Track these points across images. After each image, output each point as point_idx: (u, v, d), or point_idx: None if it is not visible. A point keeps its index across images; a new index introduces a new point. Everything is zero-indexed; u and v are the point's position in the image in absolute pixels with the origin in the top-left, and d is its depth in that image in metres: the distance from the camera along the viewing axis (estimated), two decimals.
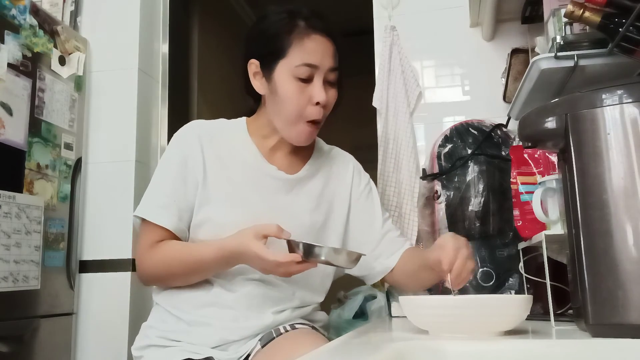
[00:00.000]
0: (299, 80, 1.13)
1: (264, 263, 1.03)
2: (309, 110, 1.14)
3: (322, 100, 1.13)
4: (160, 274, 1.15)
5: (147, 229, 1.16)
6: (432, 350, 0.72)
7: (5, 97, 1.68)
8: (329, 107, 1.17)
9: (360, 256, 1.04)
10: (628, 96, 0.76)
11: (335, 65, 1.16)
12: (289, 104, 1.14)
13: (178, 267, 1.13)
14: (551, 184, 1.06)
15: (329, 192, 1.27)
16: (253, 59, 1.19)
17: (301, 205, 1.22)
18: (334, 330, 1.62)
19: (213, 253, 1.09)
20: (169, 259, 1.13)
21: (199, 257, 1.11)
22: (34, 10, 1.84)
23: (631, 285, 0.72)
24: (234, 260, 1.09)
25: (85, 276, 2.04)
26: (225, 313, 1.14)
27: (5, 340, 1.64)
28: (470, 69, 1.89)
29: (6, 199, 1.65)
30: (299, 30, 1.14)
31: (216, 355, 1.11)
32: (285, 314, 1.18)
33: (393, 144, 1.81)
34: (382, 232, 1.28)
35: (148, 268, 1.15)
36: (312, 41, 1.14)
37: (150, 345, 1.16)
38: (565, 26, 1.11)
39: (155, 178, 1.20)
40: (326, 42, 1.15)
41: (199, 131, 1.20)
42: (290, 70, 1.13)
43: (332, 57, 1.16)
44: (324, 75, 1.15)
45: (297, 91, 1.13)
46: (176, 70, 2.51)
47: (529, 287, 1.23)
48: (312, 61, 1.13)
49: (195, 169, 1.17)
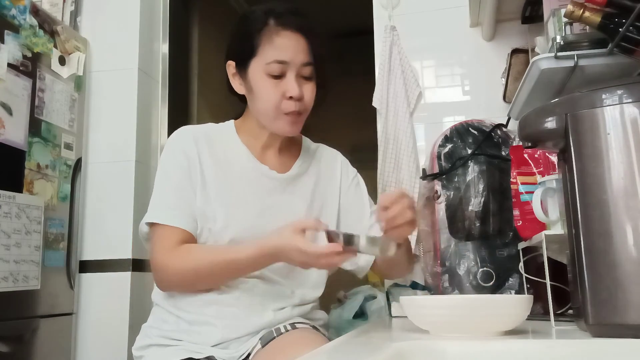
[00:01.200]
0: (271, 77, 1.15)
1: (306, 256, 1.02)
2: (284, 104, 1.16)
3: (295, 94, 1.14)
4: (187, 277, 1.12)
5: (162, 233, 1.13)
6: (432, 350, 0.72)
7: (5, 97, 1.68)
8: (307, 100, 1.18)
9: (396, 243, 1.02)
10: (628, 96, 0.76)
11: (309, 60, 1.17)
12: (264, 101, 1.16)
13: (208, 268, 1.11)
14: (551, 184, 1.06)
15: (320, 189, 1.29)
16: (230, 60, 1.22)
17: (297, 203, 1.24)
18: (334, 330, 1.62)
19: (251, 252, 1.08)
20: (198, 260, 1.11)
21: (233, 257, 1.10)
22: (34, 10, 1.84)
23: (631, 285, 0.72)
24: (272, 258, 1.08)
25: (85, 276, 2.05)
26: (226, 311, 1.14)
27: (5, 340, 1.64)
28: (470, 69, 1.89)
29: (6, 199, 1.65)
30: (269, 29, 1.16)
31: (217, 354, 1.11)
32: (286, 311, 1.18)
33: (393, 144, 1.81)
34: (368, 225, 1.29)
35: (173, 272, 1.12)
36: (282, 38, 1.15)
37: (151, 345, 1.16)
38: (565, 26, 1.11)
39: (158, 184, 1.19)
40: (297, 38, 1.16)
41: (193, 134, 1.22)
42: (262, 68, 1.15)
43: (305, 52, 1.16)
44: (297, 70, 1.16)
45: (270, 88, 1.15)
46: (176, 70, 2.51)
47: (529, 287, 1.23)
48: (282, 57, 1.14)
49: (195, 171, 1.17)
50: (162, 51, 2.34)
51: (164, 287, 1.17)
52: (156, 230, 1.14)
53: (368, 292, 1.79)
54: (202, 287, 1.15)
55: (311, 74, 1.18)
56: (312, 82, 1.19)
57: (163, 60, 2.34)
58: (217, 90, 3.19)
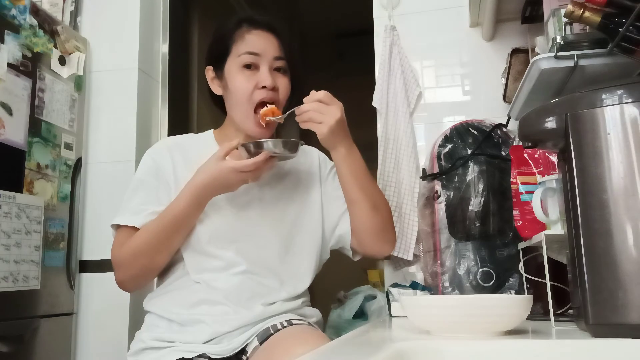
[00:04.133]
0: (245, 68, 1.22)
1: (243, 172, 1.11)
2: (256, 93, 1.21)
3: (268, 84, 1.21)
4: (139, 257, 1.17)
5: (119, 233, 1.22)
6: (432, 350, 0.72)
7: (5, 97, 1.68)
8: (281, 92, 1.25)
9: (298, 143, 1.17)
10: (628, 96, 0.76)
11: (280, 55, 1.24)
12: (238, 91, 1.22)
13: (158, 235, 1.16)
14: (551, 184, 1.06)
15: (301, 187, 1.32)
16: (208, 66, 1.30)
17: (274, 202, 1.27)
18: (334, 330, 1.62)
19: (186, 200, 1.14)
20: (142, 236, 1.16)
21: (174, 213, 1.15)
22: (34, 10, 1.83)
23: (631, 285, 0.72)
24: (208, 193, 1.15)
25: (85, 276, 2.04)
26: (216, 309, 1.16)
27: (5, 340, 1.64)
28: (470, 69, 1.89)
29: (6, 199, 1.65)
30: (241, 30, 1.25)
31: (209, 350, 1.12)
32: (275, 306, 1.19)
33: (393, 144, 1.81)
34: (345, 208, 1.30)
35: (126, 258, 1.18)
36: (253, 35, 1.25)
37: (144, 349, 1.17)
38: (565, 26, 1.11)
39: (128, 191, 1.26)
40: (268, 35, 1.25)
41: (168, 143, 1.31)
42: (236, 62, 1.23)
43: (275, 47, 1.25)
44: (270, 63, 1.23)
45: (244, 79, 1.22)
46: (176, 70, 2.51)
47: (529, 287, 1.23)
48: (254, 49, 1.23)
49: (167, 177, 1.23)
50: (162, 51, 2.33)
51: (125, 282, 1.22)
52: (116, 232, 1.23)
53: (368, 292, 1.79)
54: (160, 261, 1.18)
55: (285, 68, 1.26)
56: (287, 77, 1.26)
57: (163, 60, 2.34)
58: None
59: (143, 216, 1.19)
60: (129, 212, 1.22)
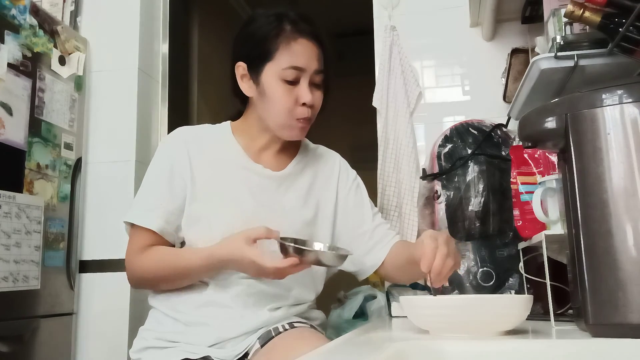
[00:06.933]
0: (286, 82, 1.16)
1: (261, 270, 1.04)
2: (296, 110, 1.18)
3: (308, 101, 1.17)
4: (149, 278, 1.18)
5: (134, 233, 1.19)
6: (432, 350, 0.72)
7: (5, 97, 1.68)
8: (315, 107, 1.21)
9: (347, 255, 1.06)
10: (628, 96, 0.75)
11: (321, 68, 1.20)
12: (277, 105, 1.17)
13: (166, 272, 1.15)
14: (551, 184, 1.06)
15: (316, 189, 1.29)
16: (240, 62, 1.22)
17: (290, 202, 1.24)
18: (334, 330, 1.62)
19: (200, 261, 1.11)
20: (158, 264, 1.16)
21: (187, 264, 1.13)
22: (34, 10, 1.83)
23: (631, 285, 0.71)
24: (222, 267, 1.12)
25: (85, 276, 2.04)
26: (222, 312, 1.15)
27: (5, 340, 1.64)
28: (470, 69, 1.89)
29: (6, 199, 1.65)
30: (286, 34, 1.17)
31: (213, 354, 1.12)
32: (282, 311, 1.19)
33: (393, 144, 1.81)
34: (372, 227, 1.29)
35: (137, 272, 1.18)
36: (299, 45, 1.17)
37: (147, 348, 1.17)
38: (565, 26, 1.11)
39: (143, 184, 1.23)
40: (312, 46, 1.18)
41: (185, 135, 1.25)
42: (278, 73, 1.16)
43: (318, 60, 1.19)
44: (310, 78, 1.18)
45: (284, 93, 1.17)
46: (176, 70, 2.51)
47: (529, 287, 1.23)
48: (298, 64, 1.16)
49: (183, 171, 1.19)
50: (162, 51, 2.33)
51: (132, 284, 1.23)
52: (131, 230, 1.20)
53: (368, 292, 1.79)
54: (167, 288, 1.19)
55: (321, 81, 1.21)
56: (321, 90, 1.22)
57: (163, 60, 2.34)
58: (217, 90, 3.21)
59: (157, 215, 1.17)
60: (143, 208, 1.19)
